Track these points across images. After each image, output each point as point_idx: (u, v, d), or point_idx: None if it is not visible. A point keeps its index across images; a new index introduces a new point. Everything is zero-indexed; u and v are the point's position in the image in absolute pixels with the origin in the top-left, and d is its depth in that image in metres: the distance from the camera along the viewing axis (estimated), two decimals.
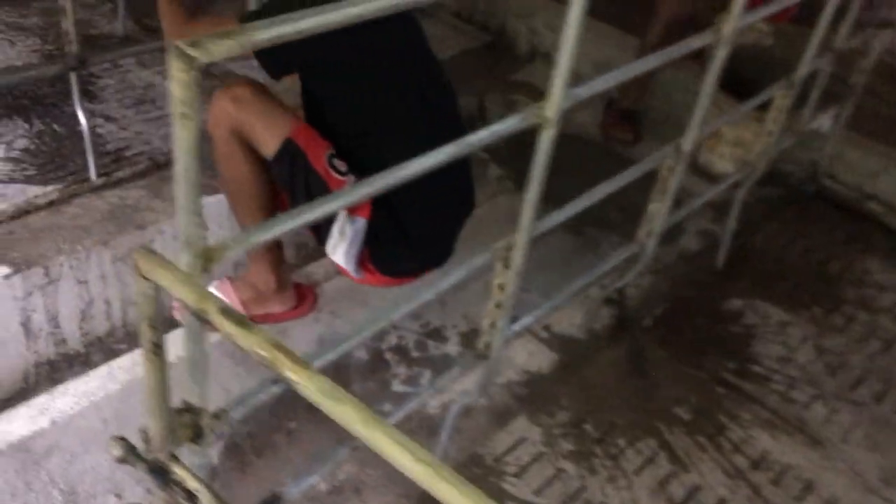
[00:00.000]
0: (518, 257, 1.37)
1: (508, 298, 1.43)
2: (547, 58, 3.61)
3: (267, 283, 2.07)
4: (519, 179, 3.05)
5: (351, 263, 1.90)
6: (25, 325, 2.17)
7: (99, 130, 2.64)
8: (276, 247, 2.04)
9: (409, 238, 1.92)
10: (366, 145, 1.87)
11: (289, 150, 1.80)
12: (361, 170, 1.83)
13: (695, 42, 1.62)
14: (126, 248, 2.31)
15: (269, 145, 1.82)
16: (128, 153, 2.56)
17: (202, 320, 0.90)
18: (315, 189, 1.80)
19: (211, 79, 2.70)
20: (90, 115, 2.69)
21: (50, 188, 2.36)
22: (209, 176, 2.58)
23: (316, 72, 1.85)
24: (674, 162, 1.74)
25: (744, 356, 2.22)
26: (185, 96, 0.82)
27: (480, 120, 3.28)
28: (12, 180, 2.37)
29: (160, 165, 2.57)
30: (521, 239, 1.35)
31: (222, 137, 1.87)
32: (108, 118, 2.69)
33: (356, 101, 1.86)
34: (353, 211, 1.83)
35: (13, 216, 2.28)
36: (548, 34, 3.59)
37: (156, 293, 0.92)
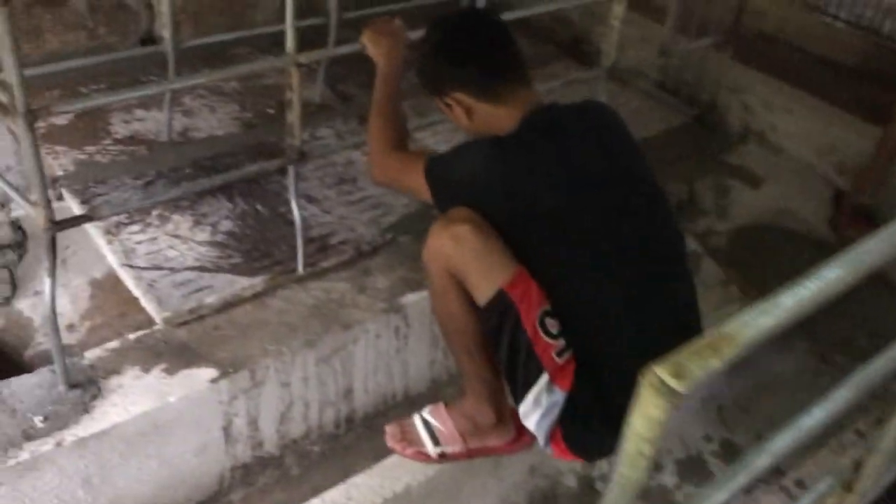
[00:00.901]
0: (868, 480, 1.10)
1: None
2: (762, 138, 3.30)
3: (486, 417, 1.87)
4: (748, 283, 2.77)
5: (541, 435, 1.73)
6: (226, 428, 2.05)
7: (301, 213, 2.52)
8: (496, 379, 1.85)
9: (613, 419, 1.71)
10: (575, 305, 1.68)
11: (501, 302, 1.63)
12: (573, 331, 1.65)
13: None
14: (330, 348, 2.17)
15: (482, 293, 1.66)
16: (332, 240, 2.43)
17: None
18: (520, 347, 1.64)
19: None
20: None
21: (257, 280, 2.25)
22: (409, 268, 2.44)
23: (505, 223, 1.67)
24: None
25: None
26: (653, 435, 0.61)
27: (691, 208, 3.01)
28: (219, 269, 2.27)
29: (363, 254, 2.43)
30: (874, 460, 1.08)
31: (436, 272, 1.73)
32: (310, 199, 2.58)
33: (560, 256, 1.68)
34: (554, 378, 1.64)
35: (219, 309, 2.18)
36: (763, 112, 3.28)
37: None
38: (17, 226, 2.47)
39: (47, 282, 1.77)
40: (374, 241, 2.46)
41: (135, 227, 2.37)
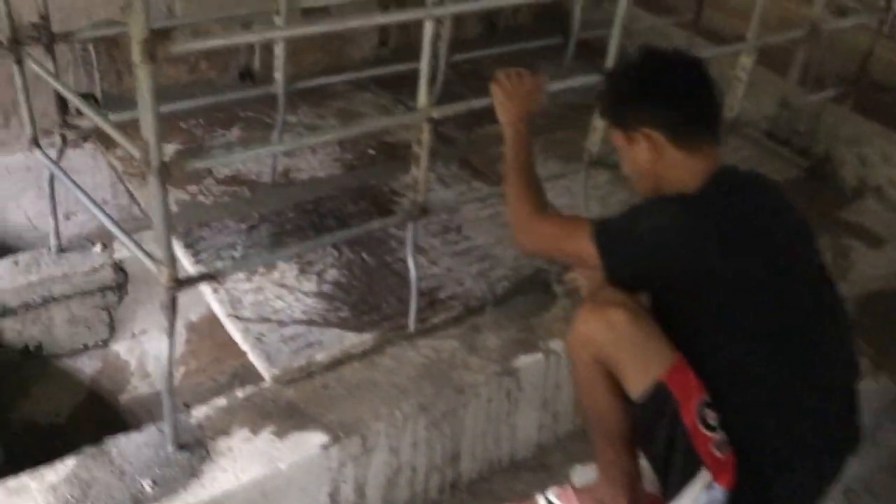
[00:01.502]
0: None
1: None
2: (880, 194, 3.12)
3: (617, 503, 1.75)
4: (882, 356, 2.57)
5: None
6: (333, 495, 1.96)
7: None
8: (634, 466, 1.73)
9: None
10: (739, 390, 1.57)
11: (658, 394, 1.53)
12: (733, 420, 1.54)
13: None
14: (441, 412, 2.06)
15: (637, 385, 1.55)
16: (440, 295, 2.33)
17: None
18: (677, 441, 1.53)
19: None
20: (397, 242, 2.50)
21: (366, 336, 2.15)
22: (520, 327, 2.32)
23: (680, 289, 1.58)
24: None
25: None
26: None
27: None
28: (327, 323, 2.18)
29: (472, 310, 2.32)
30: None
31: (584, 361, 1.63)
32: (416, 249, 2.47)
33: (729, 330, 1.57)
34: (714, 475, 1.52)
35: (328, 367, 2.09)
36: (882, 167, 3.11)
37: None
38: (119, 267, 2.42)
39: (166, 342, 1.70)
40: (484, 296, 2.35)
41: (240, 275, 2.29)
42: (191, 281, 1.70)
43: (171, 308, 1.66)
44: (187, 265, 2.32)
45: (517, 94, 1.89)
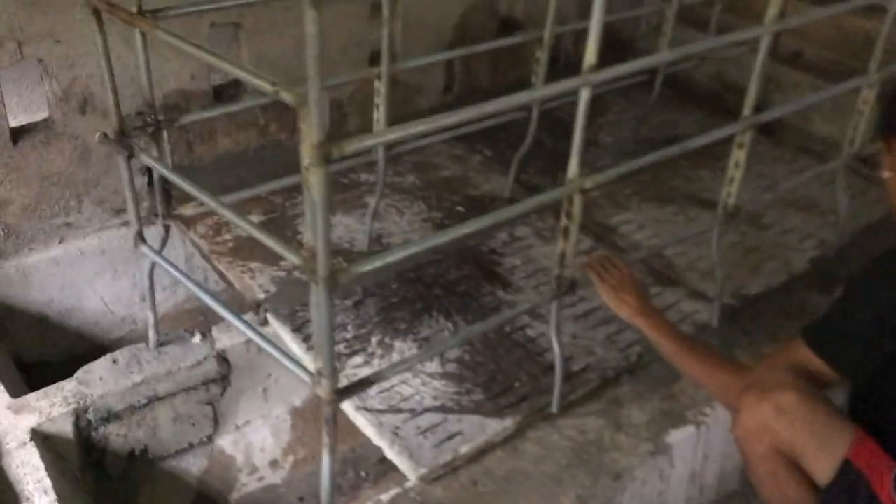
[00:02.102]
0: None
1: None
2: None
3: None
4: None
5: None
6: None
7: (529, 332, 2.27)
8: None
9: None
10: None
11: (847, 474, 1.41)
12: None
13: None
14: (600, 502, 1.89)
15: (823, 469, 1.44)
16: (573, 367, 2.16)
17: None
18: None
19: None
20: (507, 307, 2.35)
21: (507, 422, 1.99)
22: (663, 396, 2.16)
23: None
24: None
25: None
26: None
27: None
28: (463, 409, 2.02)
29: (609, 381, 2.16)
30: None
31: (761, 454, 1.52)
32: (533, 315, 2.31)
33: None
34: None
35: (471, 458, 1.92)
36: None
37: None
38: (222, 357, 2.26)
39: (326, 461, 1.52)
40: (618, 365, 2.19)
41: (358, 359, 2.13)
42: (351, 390, 1.53)
43: (333, 423, 1.49)
44: (298, 351, 2.16)
45: (624, 283, 1.88)
